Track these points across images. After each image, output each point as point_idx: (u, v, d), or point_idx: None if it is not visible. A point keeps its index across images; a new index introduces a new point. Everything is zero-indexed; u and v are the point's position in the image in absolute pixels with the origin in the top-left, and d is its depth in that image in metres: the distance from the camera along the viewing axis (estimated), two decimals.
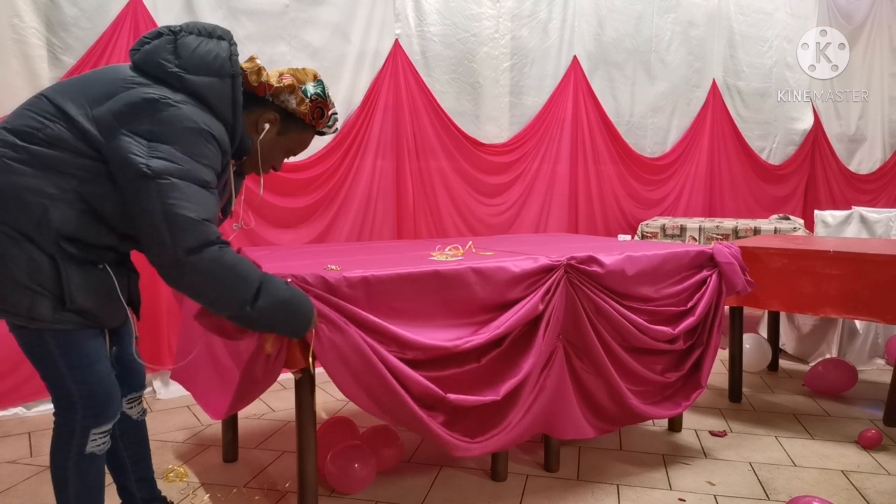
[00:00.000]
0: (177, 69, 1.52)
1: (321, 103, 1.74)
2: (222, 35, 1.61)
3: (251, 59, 1.70)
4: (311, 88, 1.72)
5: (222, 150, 1.55)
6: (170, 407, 3.22)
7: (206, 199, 1.48)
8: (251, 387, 1.98)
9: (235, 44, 1.63)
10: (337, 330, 1.76)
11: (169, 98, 1.47)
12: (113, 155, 1.44)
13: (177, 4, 3.35)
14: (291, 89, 1.69)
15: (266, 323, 1.60)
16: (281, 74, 1.69)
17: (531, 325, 2.16)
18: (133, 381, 1.85)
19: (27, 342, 1.56)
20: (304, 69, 1.75)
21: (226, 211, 1.78)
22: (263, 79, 1.67)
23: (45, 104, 1.48)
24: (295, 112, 1.71)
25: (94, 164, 1.46)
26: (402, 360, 1.91)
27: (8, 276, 1.45)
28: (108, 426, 1.63)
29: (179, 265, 1.45)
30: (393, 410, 1.91)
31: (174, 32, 1.56)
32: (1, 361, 2.94)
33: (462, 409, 2.03)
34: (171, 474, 2.42)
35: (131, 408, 1.87)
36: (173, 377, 2.62)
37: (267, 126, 1.70)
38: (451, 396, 1.95)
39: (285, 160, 1.84)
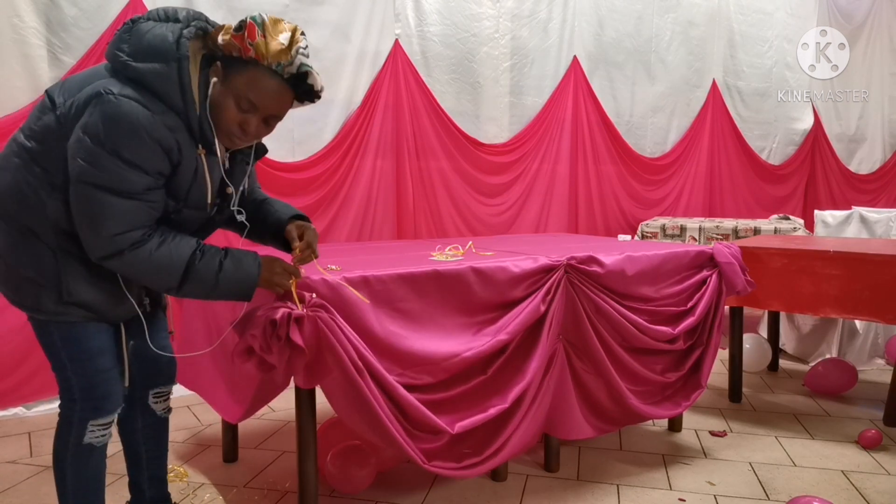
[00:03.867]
0: (126, 58, 1.46)
1: (245, 26, 1.44)
2: (179, 17, 1.51)
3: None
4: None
5: (164, 148, 1.45)
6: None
7: (122, 211, 1.42)
8: (270, 388, 1.98)
9: (194, 26, 1.49)
10: (336, 362, 1.73)
11: (112, 92, 1.41)
12: None
13: (176, 4, 3.35)
14: (225, 29, 1.48)
15: (202, 299, 1.62)
16: None
17: (534, 328, 2.16)
18: (159, 376, 1.86)
19: (36, 332, 1.61)
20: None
21: (219, 196, 1.67)
22: (214, 36, 1.49)
23: (44, 98, 1.52)
24: (225, 47, 1.48)
25: None
26: (408, 386, 1.90)
27: (17, 269, 1.52)
28: (107, 419, 1.64)
29: (96, 261, 1.49)
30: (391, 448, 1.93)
31: (134, 21, 1.52)
32: (1, 361, 2.94)
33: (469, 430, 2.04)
34: (171, 474, 2.41)
35: (157, 402, 1.88)
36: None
37: (213, 80, 1.49)
38: (458, 427, 1.95)
39: (252, 117, 1.53)
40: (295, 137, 3.82)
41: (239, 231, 1.78)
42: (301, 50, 1.51)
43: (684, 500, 2.28)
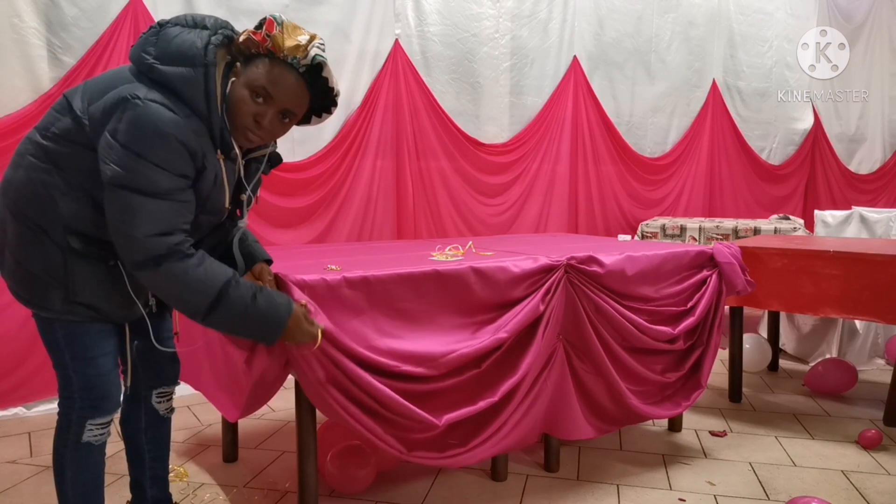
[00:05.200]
0: (152, 60, 1.47)
1: (265, 22, 1.50)
2: (207, 25, 1.53)
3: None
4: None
5: (190, 151, 1.46)
6: None
7: (152, 211, 1.42)
8: (264, 390, 1.98)
9: (222, 34, 1.53)
10: (319, 362, 1.74)
11: (138, 96, 1.42)
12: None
13: (177, 4, 3.35)
14: (246, 32, 1.52)
15: (225, 331, 1.61)
16: None
17: (532, 326, 2.16)
18: (163, 376, 1.87)
19: (40, 329, 1.61)
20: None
21: (234, 203, 1.70)
22: (237, 40, 1.53)
23: (61, 100, 1.53)
24: (244, 47, 1.52)
25: (94, 157, 1.47)
26: (397, 375, 1.90)
27: (27, 266, 1.53)
28: (106, 419, 1.65)
29: (133, 270, 1.49)
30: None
31: (161, 25, 1.53)
32: (1, 361, 2.94)
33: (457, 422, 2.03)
34: (172, 474, 2.40)
35: (160, 402, 1.89)
36: None
37: (232, 80, 1.53)
38: (445, 419, 1.95)
39: (266, 109, 1.53)
40: (295, 137, 3.82)
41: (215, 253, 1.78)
42: (318, 45, 1.53)
43: (684, 500, 2.28)
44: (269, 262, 1.81)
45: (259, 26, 1.50)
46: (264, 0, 3.64)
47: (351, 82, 4.01)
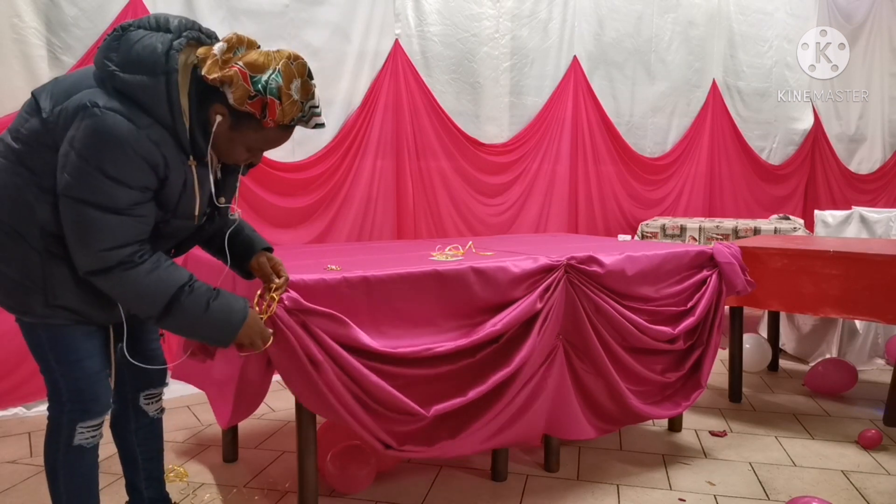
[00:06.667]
0: (114, 67, 1.42)
1: (264, 100, 1.44)
2: (170, 28, 1.47)
3: (223, 39, 1.49)
4: (263, 79, 1.43)
5: (150, 163, 1.42)
6: (170, 407, 3.17)
7: (108, 226, 1.40)
8: (251, 395, 1.98)
9: (186, 37, 1.46)
10: (290, 354, 1.73)
11: (97, 104, 1.38)
12: None
13: (176, 4, 3.35)
14: (231, 80, 1.43)
15: (181, 334, 1.60)
16: (236, 61, 1.45)
17: (528, 323, 2.15)
18: (151, 378, 1.86)
19: (24, 334, 1.60)
20: (277, 51, 1.48)
21: (209, 205, 1.64)
22: (205, 71, 1.44)
23: (30, 99, 1.51)
24: (236, 103, 1.45)
25: None
26: (393, 358, 1.89)
27: (5, 271, 1.50)
28: (96, 421, 1.64)
29: (82, 275, 1.47)
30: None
31: (124, 28, 1.48)
32: (1, 361, 2.94)
33: (447, 412, 2.03)
34: (171, 474, 2.41)
35: (149, 404, 1.88)
36: (175, 376, 2.61)
37: (218, 119, 1.48)
38: (434, 410, 1.94)
39: (264, 154, 1.62)
40: (295, 137, 3.76)
41: (210, 246, 1.78)
42: (314, 109, 1.54)
43: (684, 500, 2.28)
44: (270, 249, 1.78)
45: (253, 95, 1.43)
46: (264, 0, 3.64)
47: (351, 82, 4.01)
